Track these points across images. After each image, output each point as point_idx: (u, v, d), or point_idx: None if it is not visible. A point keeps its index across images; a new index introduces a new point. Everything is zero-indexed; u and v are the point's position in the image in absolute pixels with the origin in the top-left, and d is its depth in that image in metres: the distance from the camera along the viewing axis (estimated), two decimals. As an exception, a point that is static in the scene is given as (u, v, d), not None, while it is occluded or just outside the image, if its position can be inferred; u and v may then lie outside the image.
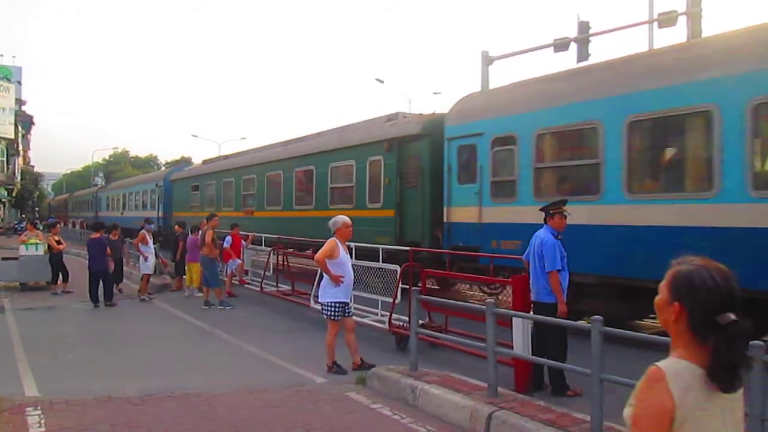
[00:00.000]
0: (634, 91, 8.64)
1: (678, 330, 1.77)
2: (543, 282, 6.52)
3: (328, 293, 7.50)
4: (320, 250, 7.56)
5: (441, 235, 12.01)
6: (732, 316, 1.69)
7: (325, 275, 7.55)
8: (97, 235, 13.60)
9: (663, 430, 1.67)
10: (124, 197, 37.04)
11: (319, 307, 8.00)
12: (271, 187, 19.25)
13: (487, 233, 10.85)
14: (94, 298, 12.97)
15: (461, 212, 11.51)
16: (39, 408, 5.81)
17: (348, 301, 7.63)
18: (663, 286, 1.82)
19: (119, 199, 38.36)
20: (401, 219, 13.32)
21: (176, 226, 16.81)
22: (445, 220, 11.89)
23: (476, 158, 11.21)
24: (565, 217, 6.71)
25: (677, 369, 1.70)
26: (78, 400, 6.06)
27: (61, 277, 15.35)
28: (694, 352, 1.72)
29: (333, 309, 7.43)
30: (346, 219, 7.79)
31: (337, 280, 7.40)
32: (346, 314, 7.56)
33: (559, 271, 6.45)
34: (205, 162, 28.31)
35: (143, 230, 14.73)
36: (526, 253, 6.88)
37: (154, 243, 15.12)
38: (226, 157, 26.48)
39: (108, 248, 13.55)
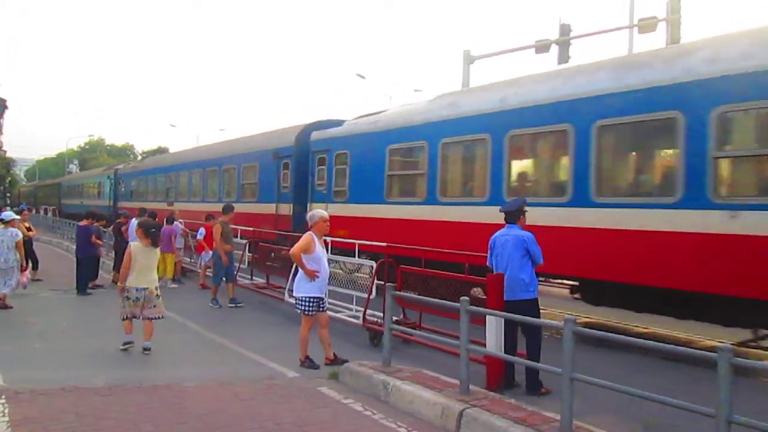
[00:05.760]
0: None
1: (140, 235, 8.21)
2: (523, 276, 6.58)
3: (302, 288, 7.45)
4: (296, 244, 7.51)
5: None
6: (154, 231, 8.23)
7: (300, 269, 7.51)
8: (86, 222, 13.77)
9: (130, 258, 7.88)
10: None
11: (294, 301, 7.96)
12: None
13: None
14: (80, 286, 13.06)
15: None
16: (3, 397, 5.69)
17: (322, 296, 7.58)
18: (137, 227, 8.70)
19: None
20: None
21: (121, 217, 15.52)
22: None
23: None
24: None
25: (137, 244, 8.10)
26: (44, 390, 5.96)
27: (30, 264, 15.06)
28: (144, 242, 8.11)
29: (307, 303, 7.39)
30: (324, 213, 7.75)
31: (312, 275, 7.35)
32: (321, 309, 7.52)
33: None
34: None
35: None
36: (490, 257, 6.97)
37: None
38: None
39: (94, 236, 13.64)
